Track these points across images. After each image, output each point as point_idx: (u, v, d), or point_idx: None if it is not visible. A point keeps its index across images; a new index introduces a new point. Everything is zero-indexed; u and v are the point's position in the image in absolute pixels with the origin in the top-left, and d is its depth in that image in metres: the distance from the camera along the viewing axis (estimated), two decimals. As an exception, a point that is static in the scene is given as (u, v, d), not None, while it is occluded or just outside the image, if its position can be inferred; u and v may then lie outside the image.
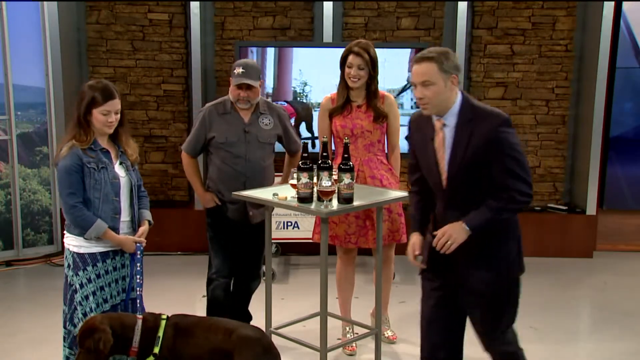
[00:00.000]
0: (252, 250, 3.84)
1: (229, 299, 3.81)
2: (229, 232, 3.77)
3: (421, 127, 2.80)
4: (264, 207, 3.57)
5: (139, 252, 3.11)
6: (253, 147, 3.70)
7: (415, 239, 2.89)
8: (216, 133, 3.70)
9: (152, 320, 2.92)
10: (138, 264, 3.10)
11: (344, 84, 3.79)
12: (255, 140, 3.71)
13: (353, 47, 3.72)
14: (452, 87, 2.64)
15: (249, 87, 3.62)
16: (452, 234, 2.66)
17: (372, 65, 3.72)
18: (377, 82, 3.81)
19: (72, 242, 3.05)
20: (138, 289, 3.10)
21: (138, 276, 3.11)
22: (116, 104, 3.01)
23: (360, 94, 3.80)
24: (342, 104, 3.80)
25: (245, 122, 3.71)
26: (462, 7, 5.74)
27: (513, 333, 2.89)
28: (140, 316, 2.93)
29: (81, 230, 2.99)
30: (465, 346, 4.05)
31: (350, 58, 3.71)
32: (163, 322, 2.92)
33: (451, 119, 2.67)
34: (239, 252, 3.82)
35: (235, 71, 3.63)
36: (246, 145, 3.69)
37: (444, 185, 2.73)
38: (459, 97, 2.67)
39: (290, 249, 5.81)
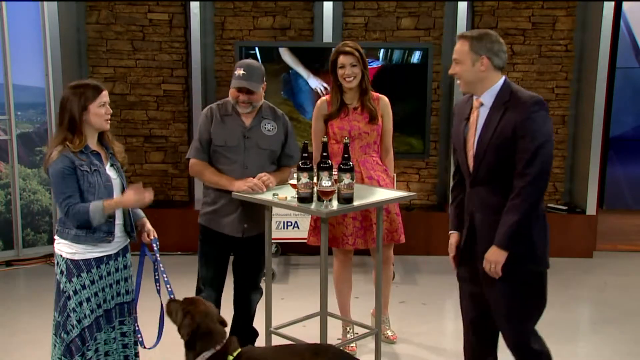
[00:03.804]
0: (249, 263, 3.59)
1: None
2: (223, 247, 3.54)
3: (460, 110, 2.91)
4: (260, 219, 3.46)
5: (147, 254, 3.12)
6: (252, 154, 3.43)
7: (453, 240, 2.98)
8: (214, 135, 3.44)
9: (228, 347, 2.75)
10: (152, 265, 3.08)
11: (336, 89, 3.80)
12: (255, 147, 3.43)
13: (341, 47, 3.74)
14: (483, 67, 2.73)
15: (249, 92, 3.37)
16: (490, 259, 2.72)
17: (363, 63, 3.73)
18: (368, 80, 3.81)
19: (65, 249, 2.92)
20: (168, 290, 3.06)
21: (164, 275, 3.10)
22: (106, 94, 2.96)
23: (354, 96, 3.81)
24: (337, 108, 3.80)
25: (246, 125, 3.44)
26: (462, 7, 5.74)
27: (539, 336, 2.87)
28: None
29: (88, 224, 2.86)
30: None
31: (341, 58, 3.72)
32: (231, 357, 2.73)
33: (488, 99, 2.77)
34: (235, 267, 3.61)
35: (236, 72, 3.36)
36: (245, 151, 3.43)
37: (470, 166, 2.80)
38: (500, 80, 2.76)
39: (290, 249, 5.81)
